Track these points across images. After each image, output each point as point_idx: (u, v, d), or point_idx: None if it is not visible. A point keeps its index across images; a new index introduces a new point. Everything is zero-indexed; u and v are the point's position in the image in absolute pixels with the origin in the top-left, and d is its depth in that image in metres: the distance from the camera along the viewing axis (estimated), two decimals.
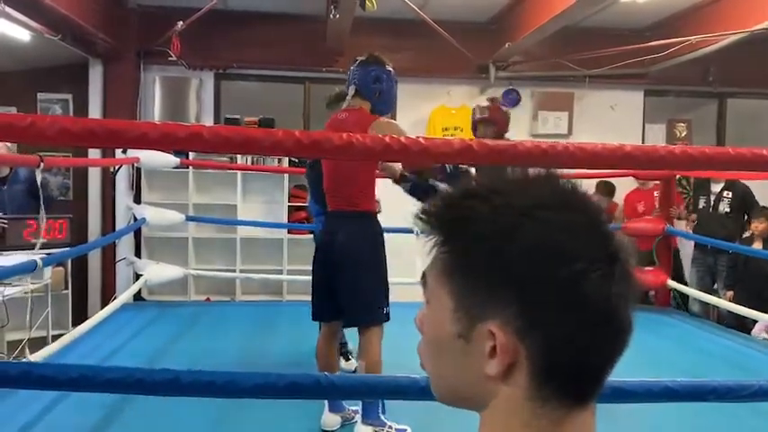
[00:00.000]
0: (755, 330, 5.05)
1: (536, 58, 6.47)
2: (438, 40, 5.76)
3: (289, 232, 6.36)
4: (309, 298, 2.96)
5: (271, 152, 1.91)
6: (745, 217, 5.61)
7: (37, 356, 3.66)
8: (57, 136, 1.62)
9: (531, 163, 1.78)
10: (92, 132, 1.65)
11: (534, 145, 1.71)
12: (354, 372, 3.33)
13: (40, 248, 4.36)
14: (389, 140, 1.70)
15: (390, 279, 2.86)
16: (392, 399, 1.89)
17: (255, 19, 6.26)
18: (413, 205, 5.71)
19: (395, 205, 5.86)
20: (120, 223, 5.92)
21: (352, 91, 2.94)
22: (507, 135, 4.18)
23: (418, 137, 1.71)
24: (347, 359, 4.09)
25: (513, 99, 6.82)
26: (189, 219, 5.95)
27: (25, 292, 4.26)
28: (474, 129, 4.20)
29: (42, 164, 3.54)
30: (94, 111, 6.12)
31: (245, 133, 1.69)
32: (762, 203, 5.58)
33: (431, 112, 6.64)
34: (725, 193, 5.59)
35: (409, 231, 5.40)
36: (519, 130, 6.74)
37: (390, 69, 3.02)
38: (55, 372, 1.62)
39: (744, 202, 5.55)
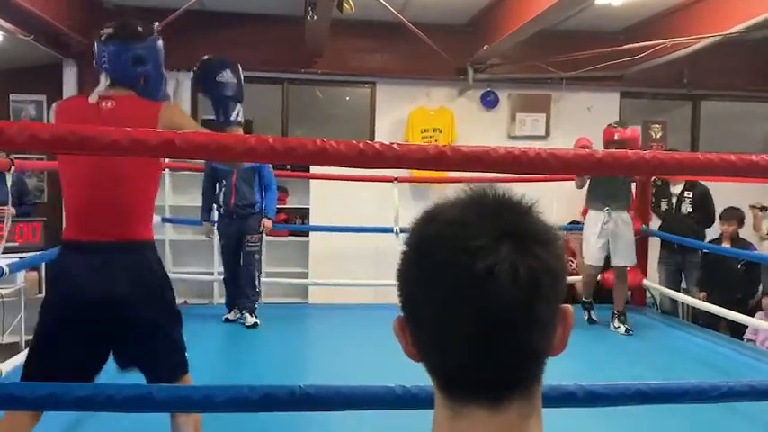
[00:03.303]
0: (748, 335, 5.18)
1: (514, 60, 6.51)
2: (417, 41, 5.77)
3: (267, 234, 6.31)
4: (285, 300, 2.73)
5: (244, 159, 1.90)
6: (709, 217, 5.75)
7: (8, 364, 3.60)
8: (26, 142, 1.59)
9: (505, 169, 1.79)
10: (62, 139, 1.63)
11: (507, 152, 1.72)
12: None
13: (15, 252, 4.33)
14: (364, 146, 1.70)
15: (377, 281, 2.59)
16: (369, 409, 1.87)
17: (233, 19, 6.22)
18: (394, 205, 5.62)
19: (378, 205, 5.91)
20: None
21: (105, 80, 2.10)
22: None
23: (392, 143, 1.72)
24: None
25: (491, 101, 6.87)
26: (165, 220, 5.90)
27: None
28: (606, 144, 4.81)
29: (13, 167, 3.50)
30: None
31: (218, 140, 1.68)
32: (722, 203, 5.71)
33: (409, 113, 6.65)
34: (686, 194, 5.72)
35: (389, 231, 5.46)
36: (496, 133, 6.79)
37: (155, 39, 2.21)
38: (24, 391, 1.59)
39: (704, 202, 5.69)
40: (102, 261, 1.98)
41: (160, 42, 2.23)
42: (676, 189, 5.77)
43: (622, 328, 4.92)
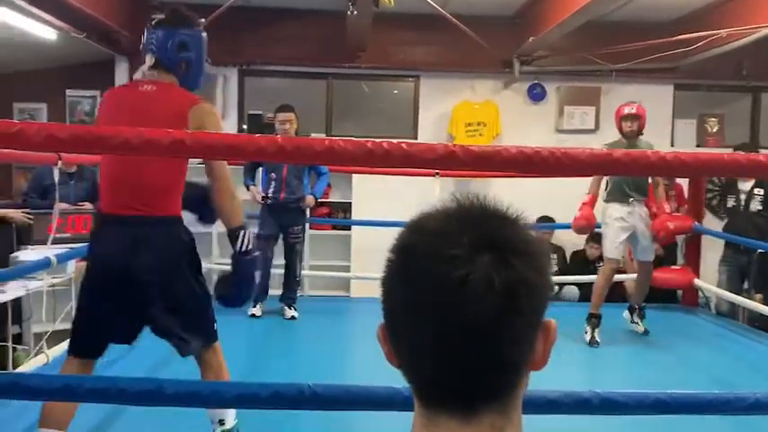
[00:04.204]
0: None
1: (561, 52, 6.35)
2: (461, 34, 5.70)
3: (310, 227, 6.39)
4: (327, 293, 2.67)
5: (254, 157, 1.92)
6: None
7: (55, 350, 3.76)
8: (44, 142, 1.65)
9: (517, 170, 1.75)
10: (78, 138, 1.68)
11: (519, 151, 1.67)
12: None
13: (66, 243, 4.51)
14: (372, 146, 1.69)
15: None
16: (376, 410, 1.86)
17: (278, 15, 6.28)
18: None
19: (420, 199, 5.87)
20: None
21: (150, 60, 2.25)
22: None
23: (401, 142, 1.70)
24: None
25: (538, 94, 6.73)
26: None
27: (49, 286, 4.38)
28: (619, 121, 4.58)
29: (60, 161, 3.63)
30: None
31: (228, 140, 1.70)
32: None
33: (453, 107, 6.58)
34: (756, 191, 5.44)
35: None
36: (544, 126, 6.65)
37: (200, 30, 2.35)
38: (40, 382, 1.66)
39: None
40: (132, 233, 2.12)
41: (205, 34, 2.36)
42: (745, 186, 5.50)
43: (641, 327, 4.77)
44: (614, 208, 4.54)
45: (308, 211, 5.28)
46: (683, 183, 6.10)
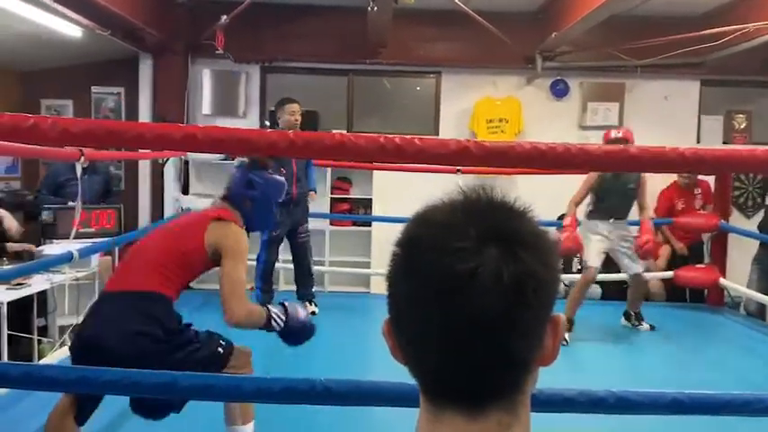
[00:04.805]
0: None
1: (585, 47, 6.27)
2: (483, 30, 5.67)
3: (331, 223, 6.41)
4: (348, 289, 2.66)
5: (265, 152, 1.93)
6: None
7: None
8: (58, 137, 1.67)
9: (531, 165, 1.73)
10: (91, 133, 1.69)
11: (533, 147, 1.65)
12: None
13: (91, 238, 4.58)
14: (384, 141, 1.68)
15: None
16: (389, 406, 1.85)
17: (299, 12, 6.30)
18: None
19: (442, 196, 5.83)
20: (169, 213, 6.08)
21: (223, 191, 2.51)
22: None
23: (413, 137, 1.69)
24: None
25: (561, 90, 6.66)
26: None
27: (74, 280, 4.45)
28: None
29: (83, 157, 3.67)
30: (144, 103, 6.29)
31: (239, 134, 1.71)
32: None
33: (475, 103, 6.53)
34: None
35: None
36: (566, 122, 6.58)
37: (274, 177, 2.58)
38: (56, 373, 1.69)
39: None
40: (118, 308, 2.12)
41: (279, 181, 2.62)
42: None
43: (645, 326, 4.80)
44: (594, 224, 4.59)
45: (311, 193, 5.25)
46: (710, 181, 5.99)
